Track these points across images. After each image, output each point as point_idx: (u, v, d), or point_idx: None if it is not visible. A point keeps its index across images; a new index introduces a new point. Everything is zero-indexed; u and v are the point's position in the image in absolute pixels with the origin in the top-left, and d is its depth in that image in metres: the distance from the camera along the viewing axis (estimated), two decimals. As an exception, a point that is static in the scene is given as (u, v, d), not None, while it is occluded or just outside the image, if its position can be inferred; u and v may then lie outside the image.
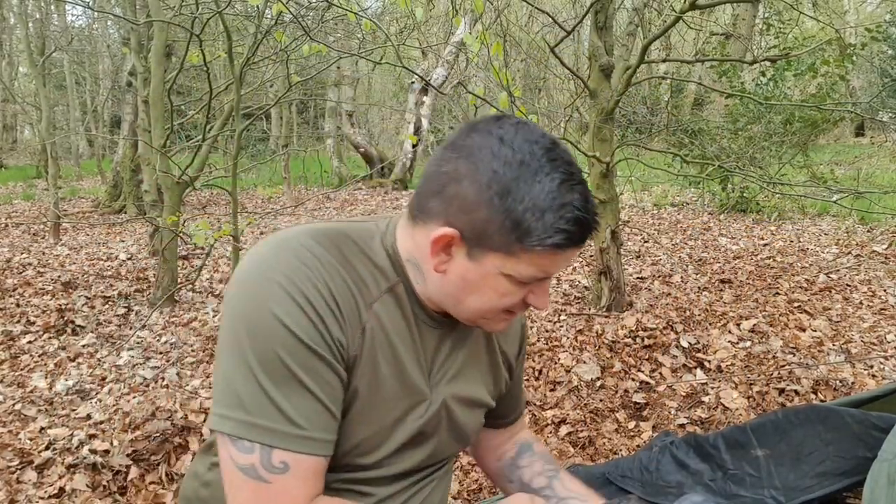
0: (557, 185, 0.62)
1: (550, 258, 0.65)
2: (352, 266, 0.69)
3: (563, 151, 0.65)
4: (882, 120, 9.85)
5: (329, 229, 0.71)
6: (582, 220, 0.64)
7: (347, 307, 0.67)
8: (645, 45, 3.08)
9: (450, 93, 11.34)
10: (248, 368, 0.62)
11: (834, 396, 2.52)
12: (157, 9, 3.63)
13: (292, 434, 0.62)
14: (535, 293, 0.70)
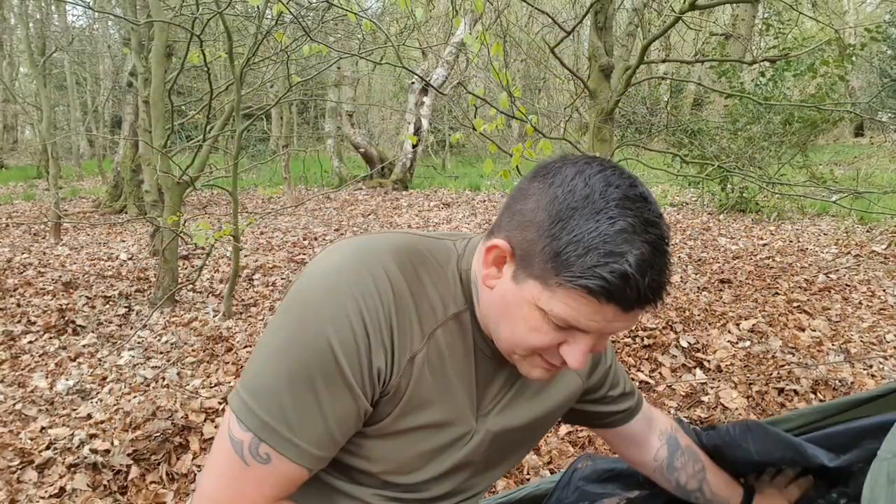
0: (616, 231, 0.57)
1: (584, 305, 0.59)
2: (423, 291, 0.68)
3: (645, 207, 0.59)
4: (881, 120, 9.86)
5: (411, 249, 0.70)
6: (628, 276, 0.56)
7: (402, 336, 0.66)
8: (644, 46, 3.08)
9: (450, 93, 11.35)
10: (278, 365, 0.63)
11: (833, 396, 2.53)
12: (158, 9, 3.64)
13: (286, 437, 0.63)
14: (569, 344, 0.64)
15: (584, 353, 0.64)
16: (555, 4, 13.64)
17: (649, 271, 0.57)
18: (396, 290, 0.65)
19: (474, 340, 0.71)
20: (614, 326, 0.61)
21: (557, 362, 0.66)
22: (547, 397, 0.82)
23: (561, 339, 0.64)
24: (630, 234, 0.57)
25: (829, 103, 5.92)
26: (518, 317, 0.64)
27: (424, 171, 12.86)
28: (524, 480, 2.09)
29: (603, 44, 3.47)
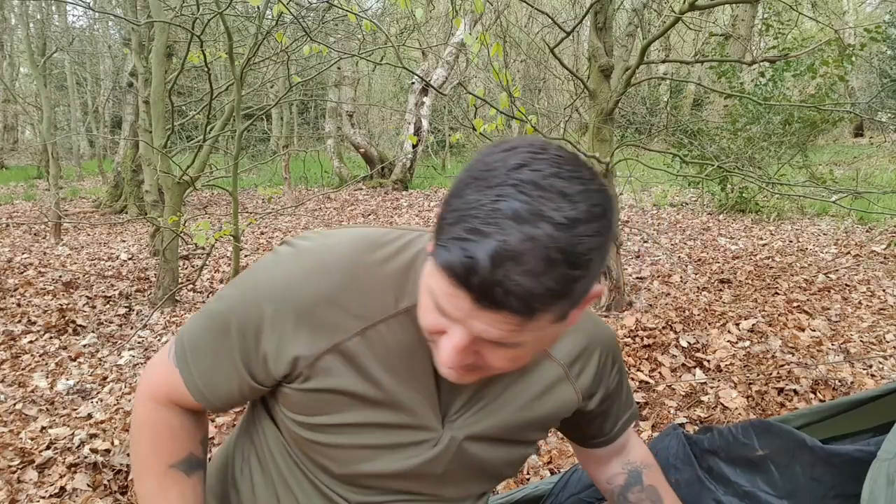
0: (493, 210, 0.49)
1: (442, 280, 0.51)
2: (368, 285, 0.66)
3: (553, 201, 0.49)
4: (881, 120, 9.87)
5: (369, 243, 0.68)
6: (477, 263, 0.48)
7: (324, 327, 0.65)
8: (644, 46, 3.08)
9: (450, 93, 11.35)
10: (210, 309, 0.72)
11: (833, 396, 2.53)
12: (158, 10, 3.64)
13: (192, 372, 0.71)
14: (446, 334, 0.55)
15: (452, 348, 0.54)
16: (555, 4, 13.64)
17: (510, 269, 0.47)
18: (330, 283, 0.65)
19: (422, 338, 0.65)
20: (475, 325, 0.52)
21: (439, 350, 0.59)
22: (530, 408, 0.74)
23: (441, 325, 0.55)
24: (508, 220, 0.48)
25: (829, 103, 5.93)
26: (423, 298, 0.58)
27: (424, 171, 12.86)
28: (524, 480, 2.09)
29: (603, 44, 3.48)
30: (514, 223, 0.48)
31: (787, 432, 1.12)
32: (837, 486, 1.12)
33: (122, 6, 7.65)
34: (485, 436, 0.73)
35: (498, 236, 0.47)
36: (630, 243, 5.40)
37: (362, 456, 0.70)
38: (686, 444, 1.32)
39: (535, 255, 0.47)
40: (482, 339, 0.53)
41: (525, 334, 0.53)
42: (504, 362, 0.57)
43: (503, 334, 0.52)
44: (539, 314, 0.50)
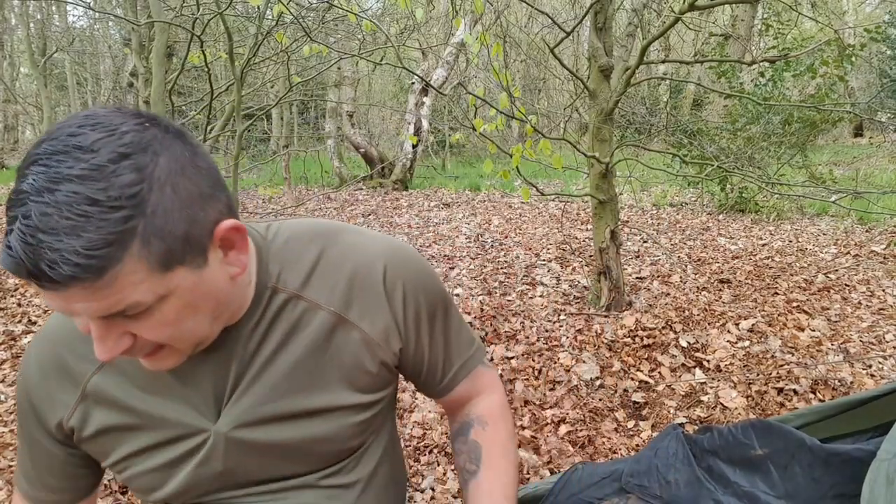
0: (18, 187, 0.49)
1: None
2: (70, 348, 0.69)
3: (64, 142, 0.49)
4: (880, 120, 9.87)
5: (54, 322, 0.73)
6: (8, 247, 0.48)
7: (64, 377, 0.68)
8: (644, 46, 3.09)
9: (450, 93, 11.35)
10: None
11: (833, 396, 2.53)
12: (158, 10, 3.64)
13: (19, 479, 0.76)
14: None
15: (98, 337, 0.53)
16: (554, 5, 13.65)
17: (44, 241, 0.47)
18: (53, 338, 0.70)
19: None
20: (76, 308, 0.51)
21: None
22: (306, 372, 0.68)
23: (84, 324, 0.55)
24: (29, 197, 0.48)
25: (829, 103, 5.93)
26: None
27: (424, 171, 12.86)
28: (524, 480, 2.10)
29: (602, 44, 3.48)
30: (35, 196, 0.47)
31: (786, 432, 1.12)
32: (837, 485, 1.12)
33: (122, 6, 7.65)
34: (262, 418, 0.67)
35: (21, 219, 0.47)
36: (630, 243, 5.40)
37: (157, 480, 0.69)
38: (685, 443, 1.32)
39: (61, 217, 0.47)
40: (103, 318, 0.52)
41: (127, 291, 0.51)
42: (156, 330, 0.55)
43: (104, 304, 0.50)
44: (108, 268, 0.48)
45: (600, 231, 3.48)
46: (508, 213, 7.51)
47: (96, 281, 0.49)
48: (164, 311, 0.54)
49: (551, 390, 2.70)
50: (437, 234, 6.16)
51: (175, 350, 0.59)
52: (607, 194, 3.44)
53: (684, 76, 12.17)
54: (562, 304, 3.75)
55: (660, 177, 8.50)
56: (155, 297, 0.53)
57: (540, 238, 5.87)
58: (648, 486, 1.33)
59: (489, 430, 0.83)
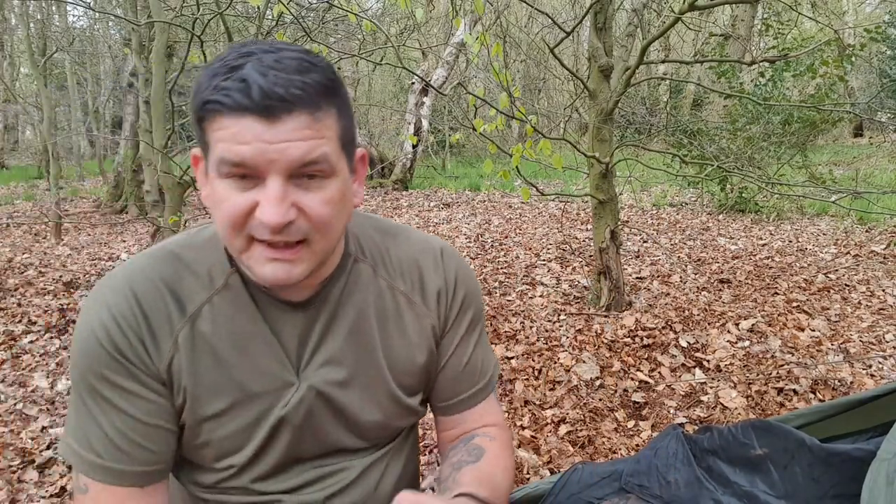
0: (229, 54, 0.58)
1: (227, 128, 0.57)
2: (179, 280, 0.69)
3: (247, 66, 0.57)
4: (880, 120, 9.87)
5: (161, 250, 0.71)
6: (245, 77, 0.56)
7: (160, 328, 0.67)
8: (644, 46, 3.09)
9: (450, 93, 11.35)
10: (74, 391, 0.68)
11: (833, 396, 2.53)
12: (159, 10, 3.64)
13: (89, 461, 0.66)
14: (260, 204, 0.59)
15: (273, 201, 0.58)
16: (554, 5, 13.64)
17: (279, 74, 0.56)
18: (141, 299, 0.67)
19: (255, 300, 0.69)
20: (274, 146, 0.57)
21: (266, 234, 0.60)
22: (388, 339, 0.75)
23: (251, 200, 0.59)
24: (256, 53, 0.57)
25: (829, 103, 5.93)
26: (214, 203, 0.61)
27: (424, 171, 12.86)
28: (524, 480, 2.10)
29: (602, 44, 3.48)
30: (261, 54, 0.57)
31: (786, 432, 1.12)
32: (837, 485, 1.12)
33: (122, 6, 7.65)
34: (336, 379, 0.72)
35: (253, 60, 0.57)
36: (630, 243, 5.40)
37: (239, 440, 0.71)
38: (685, 443, 1.32)
39: (292, 61, 0.57)
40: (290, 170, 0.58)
41: (324, 140, 0.59)
42: (321, 206, 0.61)
43: (304, 147, 0.58)
44: (322, 106, 0.58)
45: (600, 231, 3.48)
46: (508, 213, 7.51)
47: (314, 112, 0.58)
48: (330, 189, 0.62)
49: (551, 390, 2.70)
50: (437, 235, 6.16)
51: (310, 252, 0.63)
52: (607, 194, 3.44)
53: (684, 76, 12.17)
54: (562, 304, 3.75)
55: (660, 177, 8.50)
56: (333, 163, 0.61)
57: (540, 238, 5.87)
58: (648, 486, 1.33)
59: (495, 443, 0.83)
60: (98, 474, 0.66)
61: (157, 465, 0.69)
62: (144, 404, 0.67)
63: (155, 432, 0.68)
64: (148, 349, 0.67)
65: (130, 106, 7.91)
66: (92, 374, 0.65)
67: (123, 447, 0.66)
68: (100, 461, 0.66)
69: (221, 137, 0.58)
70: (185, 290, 0.69)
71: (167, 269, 0.69)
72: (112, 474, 0.66)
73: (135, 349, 0.66)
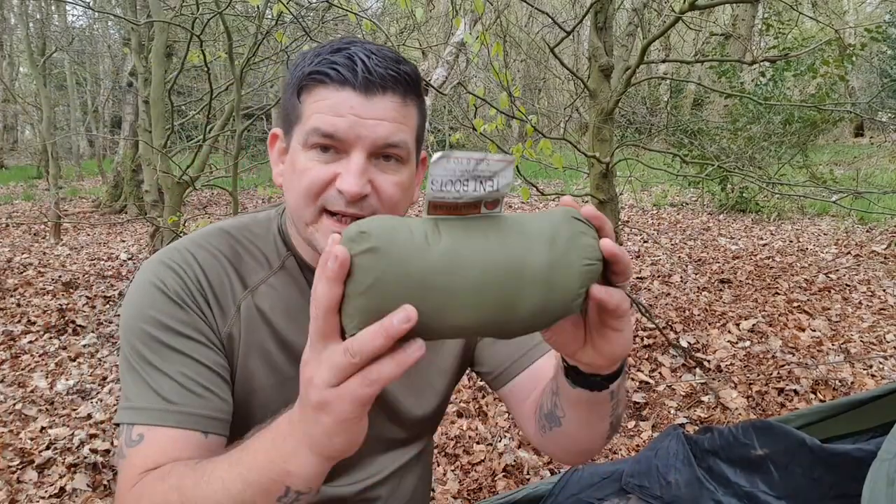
0: (336, 42, 0.65)
1: (324, 98, 0.63)
2: (238, 257, 0.72)
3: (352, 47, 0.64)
4: (881, 120, 9.86)
5: (227, 226, 0.74)
6: (351, 56, 0.62)
7: (222, 294, 0.69)
8: (644, 46, 3.08)
9: (450, 93, 11.34)
10: (126, 355, 0.67)
11: (833, 396, 2.53)
12: (158, 9, 3.64)
13: (157, 409, 0.64)
14: (341, 174, 0.63)
15: (355, 173, 0.63)
16: (555, 4, 13.64)
17: (378, 59, 0.63)
18: (202, 260, 0.69)
19: (307, 280, 0.73)
20: (366, 121, 0.62)
21: (341, 205, 0.64)
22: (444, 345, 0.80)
23: (332, 171, 0.64)
24: (350, 42, 0.65)
25: (829, 103, 5.92)
26: (293, 175, 0.66)
27: (424, 171, 12.84)
28: (524, 481, 2.09)
29: (603, 44, 3.47)
30: (364, 43, 0.65)
31: (787, 432, 1.12)
32: (837, 486, 1.12)
33: (121, 6, 7.65)
34: None
35: (357, 45, 0.64)
36: (630, 243, 5.39)
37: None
38: (685, 444, 1.32)
39: (390, 52, 0.65)
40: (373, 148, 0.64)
41: (405, 128, 0.65)
42: (392, 187, 0.66)
43: (391, 128, 0.63)
44: (411, 93, 0.65)
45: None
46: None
47: (403, 98, 0.65)
48: (402, 175, 0.67)
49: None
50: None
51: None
52: (607, 194, 3.44)
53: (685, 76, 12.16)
54: (562, 303, 3.74)
55: (660, 177, 8.50)
56: (408, 151, 0.67)
57: (540, 238, 5.86)
58: (649, 486, 1.32)
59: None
60: (163, 419, 0.64)
61: (223, 413, 0.68)
62: (210, 353, 0.68)
63: (220, 380, 0.68)
64: (211, 307, 0.68)
65: (130, 105, 7.91)
66: (151, 323, 0.66)
67: (194, 389, 0.66)
68: (171, 406, 0.64)
69: (319, 108, 0.63)
70: (244, 267, 0.72)
71: (226, 246, 0.72)
72: (181, 417, 0.64)
73: (196, 301, 0.67)
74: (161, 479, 0.59)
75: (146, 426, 0.64)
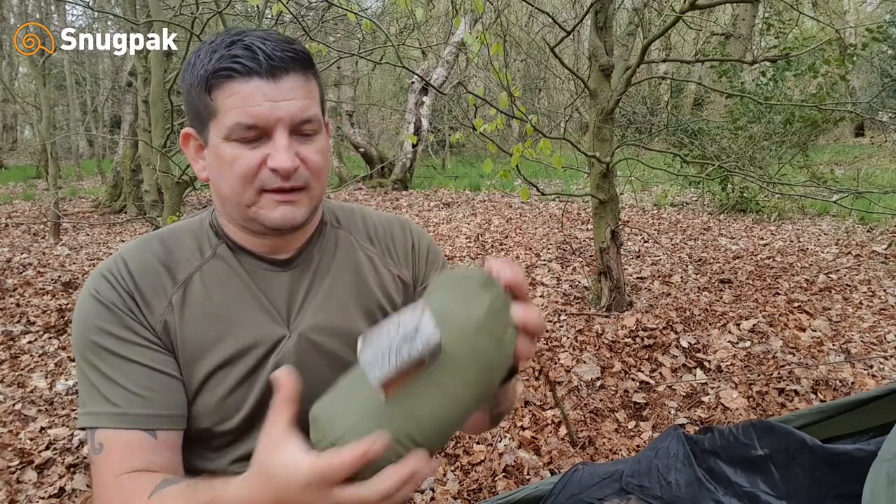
0: (229, 36, 0.68)
1: (238, 93, 0.66)
2: (169, 255, 0.76)
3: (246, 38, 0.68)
4: (882, 120, 9.86)
5: (158, 231, 0.80)
6: (249, 46, 0.66)
7: (151, 291, 0.73)
8: (645, 46, 3.08)
9: (450, 93, 11.34)
10: (78, 372, 0.72)
11: (834, 396, 2.52)
12: (158, 9, 3.63)
13: (105, 413, 0.69)
14: (271, 154, 0.69)
15: (283, 149, 0.68)
16: (555, 4, 13.64)
17: (268, 42, 0.67)
18: (132, 267, 0.74)
19: (243, 265, 0.77)
20: (278, 104, 0.67)
21: (274, 182, 0.70)
22: (355, 296, 0.83)
23: (261, 155, 0.69)
24: (243, 34, 0.68)
25: (830, 103, 5.92)
26: (221, 167, 0.70)
27: (424, 171, 12.85)
28: (524, 481, 2.09)
29: (603, 43, 3.47)
30: (251, 31, 0.68)
31: (787, 432, 1.11)
32: (838, 486, 1.12)
33: (121, 6, 7.65)
34: (325, 327, 0.79)
35: (249, 35, 0.68)
36: (630, 243, 5.39)
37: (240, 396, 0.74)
38: (686, 444, 1.32)
39: (279, 36, 0.69)
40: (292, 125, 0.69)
41: (313, 102, 0.71)
42: (316, 155, 0.72)
43: (301, 104, 0.69)
44: (310, 69, 0.71)
45: (601, 231, 3.48)
46: (508, 213, 7.50)
47: (305, 74, 0.70)
48: (320, 142, 0.73)
49: (552, 391, 2.69)
50: (436, 234, 6.15)
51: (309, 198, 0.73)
52: (608, 194, 3.43)
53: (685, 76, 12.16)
54: (562, 304, 3.74)
55: (661, 176, 8.49)
56: (320, 121, 0.72)
57: (540, 238, 5.86)
58: (649, 486, 1.32)
59: None
60: (113, 422, 0.69)
61: (168, 409, 0.71)
62: (149, 352, 0.71)
63: (165, 379, 0.72)
64: (140, 307, 0.72)
65: (129, 105, 7.90)
66: (94, 332, 0.70)
67: (138, 391, 0.70)
68: (115, 409, 0.69)
69: (233, 104, 0.67)
70: (175, 263, 0.76)
71: (157, 247, 0.77)
72: (127, 419, 0.69)
73: (127, 304, 0.72)
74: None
75: (103, 430, 0.69)
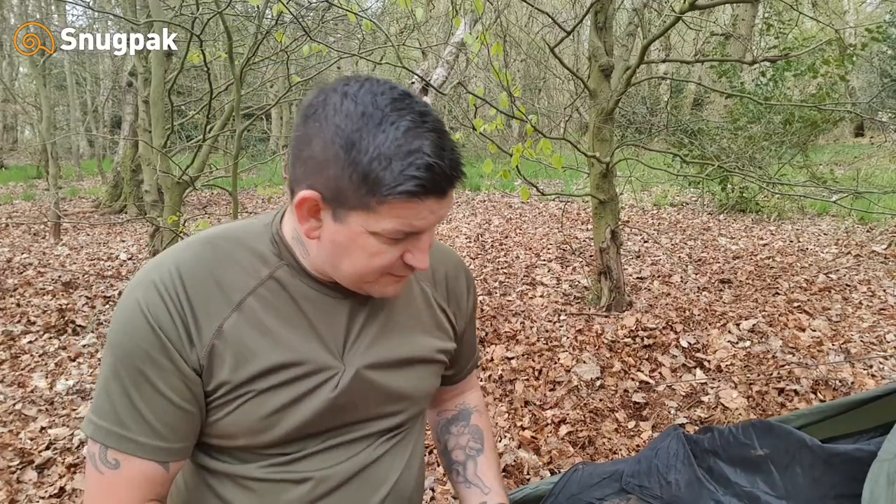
0: (403, 133, 0.61)
1: (409, 209, 0.63)
2: (222, 267, 0.72)
3: (413, 101, 0.64)
4: (881, 120, 9.86)
5: (213, 238, 0.75)
6: (432, 166, 0.61)
7: (202, 311, 0.70)
8: (645, 46, 3.08)
9: (450, 93, 11.34)
10: (103, 373, 0.70)
11: (833, 396, 2.53)
12: (158, 9, 3.64)
13: (124, 436, 0.68)
14: (411, 252, 0.69)
15: (425, 251, 0.70)
16: (555, 4, 13.65)
17: (444, 153, 0.62)
18: (186, 279, 0.70)
19: (303, 290, 0.75)
20: (439, 215, 0.67)
21: (405, 272, 0.71)
22: (412, 330, 0.84)
23: (401, 250, 0.68)
24: (415, 129, 0.62)
25: (830, 103, 5.92)
26: (356, 249, 0.67)
27: (424, 171, 12.82)
28: (524, 481, 2.09)
29: (603, 44, 3.47)
30: (420, 128, 0.62)
31: (787, 432, 1.11)
32: (838, 486, 1.12)
33: (121, 6, 7.65)
34: (379, 363, 0.79)
35: (425, 143, 0.62)
36: (630, 243, 5.39)
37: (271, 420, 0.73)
38: (686, 444, 1.32)
39: (444, 137, 0.64)
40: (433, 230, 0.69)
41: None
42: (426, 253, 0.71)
43: (446, 211, 0.68)
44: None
45: (601, 231, 3.48)
46: (508, 213, 7.51)
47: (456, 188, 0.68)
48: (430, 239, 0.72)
49: (551, 390, 2.69)
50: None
51: (404, 279, 0.74)
52: (608, 194, 3.43)
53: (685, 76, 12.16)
54: (562, 304, 3.74)
55: (660, 177, 8.50)
56: None
57: (540, 238, 5.87)
58: (649, 486, 1.32)
59: (484, 417, 1.02)
60: (131, 449, 0.68)
61: (184, 442, 0.71)
62: (183, 390, 0.69)
63: (188, 416, 0.70)
64: (190, 333, 0.69)
65: (129, 105, 7.91)
66: (137, 356, 0.67)
67: (160, 428, 0.69)
68: (131, 435, 0.68)
69: (399, 215, 0.64)
70: (230, 281, 0.72)
71: (210, 257, 0.73)
72: (146, 449, 0.68)
73: (177, 330, 0.68)
74: None
75: (117, 451, 0.68)
